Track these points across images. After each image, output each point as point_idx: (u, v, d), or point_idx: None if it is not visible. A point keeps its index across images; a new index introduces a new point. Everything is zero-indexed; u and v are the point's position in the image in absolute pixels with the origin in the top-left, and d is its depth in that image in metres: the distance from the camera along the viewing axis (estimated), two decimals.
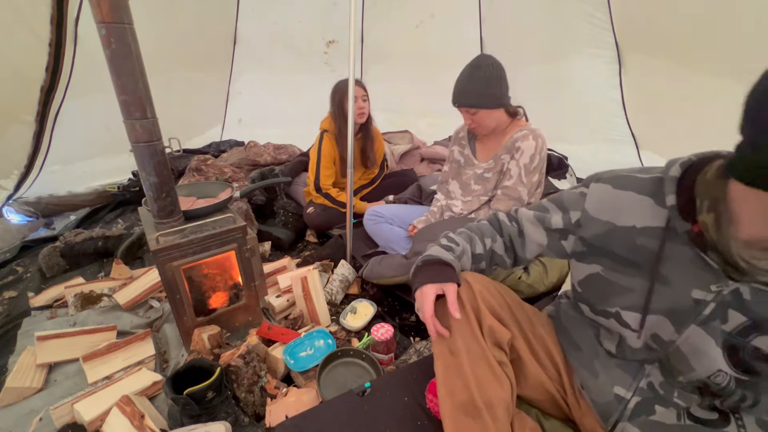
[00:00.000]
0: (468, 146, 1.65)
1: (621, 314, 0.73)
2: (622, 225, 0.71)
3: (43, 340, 1.27)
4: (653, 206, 0.67)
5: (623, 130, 2.71)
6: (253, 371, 1.18)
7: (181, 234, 1.22)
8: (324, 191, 2.09)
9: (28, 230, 2.24)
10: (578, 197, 0.78)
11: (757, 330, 0.61)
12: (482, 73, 1.43)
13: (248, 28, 3.47)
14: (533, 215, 0.85)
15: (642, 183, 0.70)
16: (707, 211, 0.59)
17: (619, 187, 0.72)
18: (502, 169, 1.51)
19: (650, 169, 0.72)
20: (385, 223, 1.83)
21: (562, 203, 0.81)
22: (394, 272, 1.52)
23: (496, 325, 0.81)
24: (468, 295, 0.83)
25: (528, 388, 0.87)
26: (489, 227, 0.92)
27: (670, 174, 0.65)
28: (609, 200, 0.73)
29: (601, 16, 2.58)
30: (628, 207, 0.70)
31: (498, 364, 0.79)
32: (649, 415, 0.74)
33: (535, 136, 1.44)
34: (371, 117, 2.16)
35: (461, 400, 0.76)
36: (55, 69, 2.18)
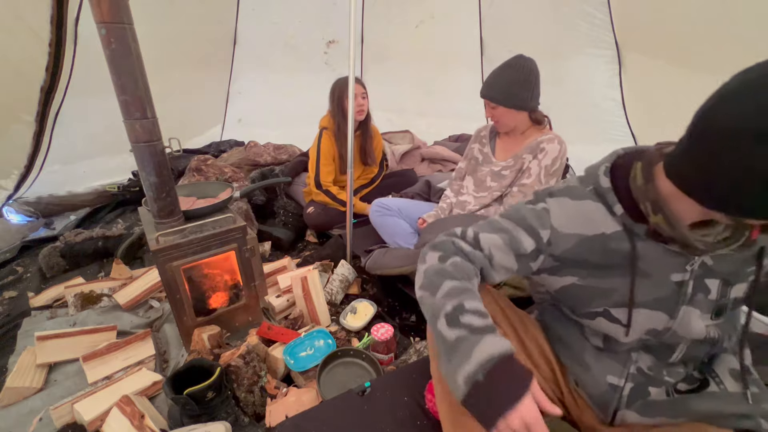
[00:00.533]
0: (488, 144, 1.66)
1: (610, 311, 0.74)
2: (592, 234, 0.72)
3: (43, 340, 1.27)
4: (607, 213, 0.71)
5: (623, 130, 2.71)
6: (253, 371, 1.18)
7: (181, 234, 1.22)
8: (324, 188, 2.10)
9: (28, 230, 2.24)
10: (542, 213, 0.75)
11: (729, 284, 0.69)
12: (512, 72, 1.45)
13: (248, 28, 3.46)
14: (502, 242, 0.75)
15: (590, 194, 0.73)
16: (654, 213, 0.63)
17: (578, 198, 0.73)
18: (521, 167, 1.52)
19: (582, 178, 0.76)
20: (392, 217, 1.82)
21: (527, 222, 0.75)
22: (400, 263, 1.51)
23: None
24: None
25: None
26: (466, 266, 0.75)
27: (603, 185, 0.70)
28: (573, 212, 0.73)
29: (601, 16, 2.57)
30: (592, 215, 0.72)
31: None
32: (645, 398, 0.76)
33: (560, 140, 1.46)
34: (370, 114, 2.17)
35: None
36: (55, 69, 2.18)
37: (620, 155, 0.72)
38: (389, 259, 1.55)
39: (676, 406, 0.73)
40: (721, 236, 0.65)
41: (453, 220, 1.61)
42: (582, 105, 2.88)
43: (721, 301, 0.70)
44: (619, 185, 0.69)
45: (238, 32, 3.48)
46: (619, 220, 0.70)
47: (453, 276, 0.70)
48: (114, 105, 1.06)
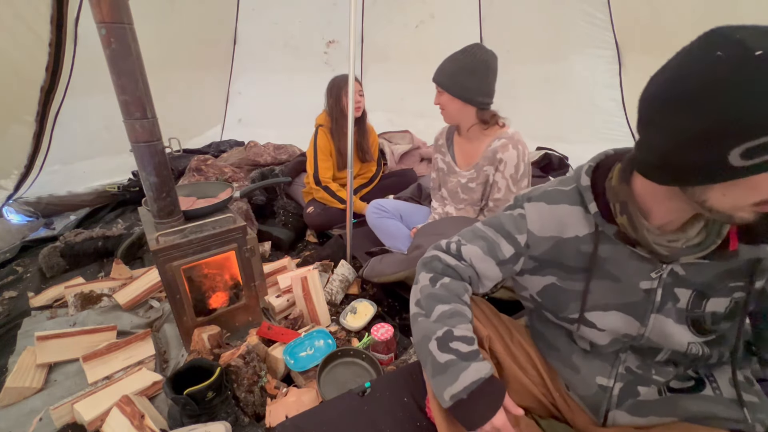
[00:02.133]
0: (448, 153, 1.64)
1: (585, 316, 0.76)
2: (567, 237, 0.74)
3: (43, 340, 1.27)
4: (584, 214, 0.72)
5: (623, 130, 2.71)
6: (253, 371, 1.18)
7: (181, 234, 1.22)
8: (324, 184, 2.11)
9: (28, 230, 2.24)
10: (518, 219, 0.78)
11: (704, 296, 0.68)
12: (463, 58, 1.40)
13: (248, 28, 3.47)
14: (481, 252, 0.79)
15: (569, 195, 0.74)
16: (620, 214, 0.65)
17: (554, 202, 0.75)
18: (486, 180, 1.50)
19: (566, 180, 0.77)
20: (389, 219, 1.82)
21: (505, 229, 0.78)
22: (395, 269, 1.51)
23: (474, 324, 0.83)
24: None
25: (512, 393, 0.87)
26: (455, 285, 0.78)
27: (582, 184, 0.71)
28: (548, 216, 0.75)
29: (601, 16, 2.57)
30: (568, 219, 0.74)
31: None
32: (635, 398, 0.76)
33: (514, 144, 1.41)
34: (365, 111, 2.20)
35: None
36: (55, 69, 2.18)
37: (608, 155, 0.73)
38: (385, 266, 1.55)
39: (667, 406, 0.73)
40: (691, 242, 0.65)
41: (445, 223, 1.61)
42: (582, 105, 2.88)
43: (694, 313, 0.69)
44: (598, 185, 0.70)
45: (238, 32, 3.48)
46: (592, 220, 0.71)
47: (443, 299, 0.75)
48: (114, 105, 1.06)
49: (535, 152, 2.73)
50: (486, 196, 1.55)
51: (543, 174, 2.47)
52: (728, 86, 0.46)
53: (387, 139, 3.12)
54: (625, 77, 2.64)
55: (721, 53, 0.47)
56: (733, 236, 0.63)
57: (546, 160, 2.61)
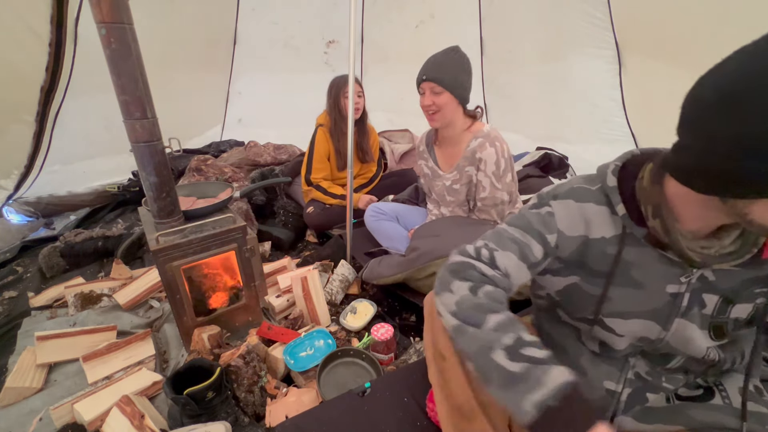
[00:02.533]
0: (430, 157, 1.63)
1: (604, 321, 0.73)
2: (593, 237, 0.71)
3: (43, 340, 1.27)
4: (611, 215, 0.69)
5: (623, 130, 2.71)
6: (253, 371, 1.18)
7: (181, 234, 1.22)
8: (315, 183, 2.12)
9: (28, 230, 2.24)
10: (546, 218, 0.74)
11: (730, 302, 0.66)
12: (458, 58, 1.38)
13: (248, 28, 3.46)
14: (516, 258, 0.74)
15: (595, 195, 0.71)
16: (653, 217, 0.62)
17: (581, 200, 0.72)
18: (470, 181, 1.50)
19: (591, 178, 0.74)
20: (387, 221, 1.83)
21: (534, 228, 0.74)
22: (394, 271, 1.52)
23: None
24: None
25: None
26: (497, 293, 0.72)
27: (609, 184, 0.68)
28: (577, 214, 0.72)
29: (601, 16, 2.57)
30: (594, 218, 0.71)
31: None
32: (643, 404, 0.75)
33: (491, 141, 1.41)
34: (366, 112, 2.20)
35: (458, 403, 0.76)
36: (55, 69, 2.18)
37: (634, 155, 0.70)
38: (384, 268, 1.56)
39: (674, 414, 0.72)
40: (725, 250, 0.62)
41: (442, 223, 1.61)
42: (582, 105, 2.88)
43: (717, 319, 0.67)
44: (625, 185, 0.67)
45: (238, 32, 3.47)
46: (620, 221, 0.68)
47: (492, 308, 0.68)
48: (114, 105, 1.06)
49: (535, 152, 2.73)
50: (472, 197, 1.55)
51: (543, 174, 2.47)
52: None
53: (387, 138, 3.12)
54: (625, 77, 2.63)
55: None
56: (766, 244, 0.61)
57: (546, 160, 2.61)
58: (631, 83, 2.61)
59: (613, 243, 0.69)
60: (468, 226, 1.56)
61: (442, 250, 1.44)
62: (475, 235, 1.59)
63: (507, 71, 3.26)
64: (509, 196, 1.52)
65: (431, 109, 1.42)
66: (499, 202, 1.50)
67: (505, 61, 3.24)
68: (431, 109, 1.42)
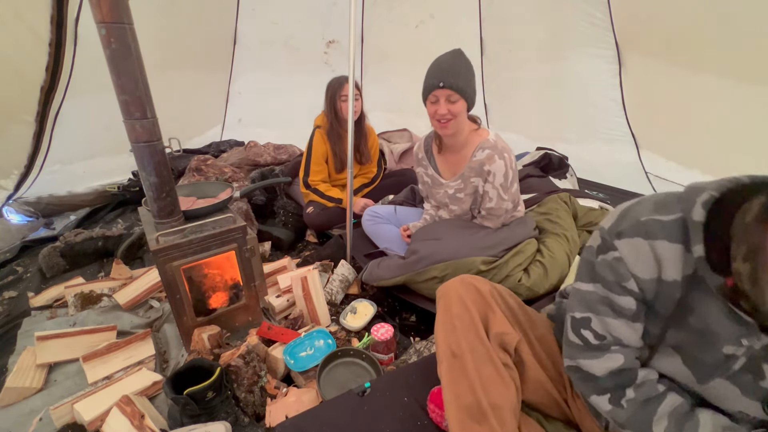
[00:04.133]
0: (430, 165, 1.60)
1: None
2: (666, 279, 0.62)
3: (43, 340, 1.27)
4: (684, 253, 0.60)
5: (623, 130, 2.71)
6: (253, 371, 1.18)
7: (181, 234, 1.22)
8: (313, 186, 2.12)
9: (28, 230, 2.24)
10: (615, 265, 0.65)
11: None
12: (466, 61, 1.34)
13: (248, 28, 3.47)
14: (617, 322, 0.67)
15: (670, 229, 0.61)
16: (743, 260, 0.52)
17: (652, 237, 0.62)
18: (475, 191, 1.49)
19: (667, 203, 0.63)
20: (384, 224, 1.83)
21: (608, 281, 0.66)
22: (393, 273, 1.52)
23: (504, 327, 0.80)
24: (474, 295, 0.82)
25: (529, 391, 0.85)
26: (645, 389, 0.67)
27: (693, 219, 0.57)
28: (647, 254, 0.62)
29: (601, 16, 2.58)
30: (667, 257, 0.61)
31: (503, 366, 0.78)
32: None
33: (500, 153, 1.38)
34: (364, 113, 2.20)
35: (467, 403, 0.74)
36: (55, 69, 2.18)
37: (740, 183, 0.57)
38: (383, 271, 1.56)
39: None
40: None
41: (440, 225, 1.62)
42: (582, 105, 2.88)
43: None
44: (714, 221, 0.56)
45: (238, 32, 3.48)
46: (693, 264, 0.59)
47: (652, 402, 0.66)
48: (114, 105, 1.06)
49: (535, 152, 2.73)
50: (477, 205, 1.55)
51: (543, 174, 2.47)
52: None
53: (386, 139, 3.11)
54: (625, 77, 2.64)
55: None
56: None
57: (546, 160, 2.61)
58: (631, 83, 2.62)
59: (681, 287, 0.61)
60: (468, 229, 1.56)
61: (442, 254, 1.44)
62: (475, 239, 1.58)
63: (507, 71, 3.27)
64: (513, 204, 1.52)
65: (446, 117, 1.34)
66: (503, 213, 1.50)
67: (505, 61, 3.25)
68: (447, 117, 1.33)
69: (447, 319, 0.82)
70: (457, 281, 0.86)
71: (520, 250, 1.49)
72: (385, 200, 2.23)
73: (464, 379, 0.75)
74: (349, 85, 1.52)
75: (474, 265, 1.40)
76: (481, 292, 0.82)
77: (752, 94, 1.98)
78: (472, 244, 1.47)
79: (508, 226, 1.56)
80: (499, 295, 0.86)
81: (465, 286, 0.83)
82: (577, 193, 2.09)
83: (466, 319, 0.79)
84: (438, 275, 1.42)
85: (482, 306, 0.81)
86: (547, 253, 1.52)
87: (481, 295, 0.82)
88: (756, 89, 1.96)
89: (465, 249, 1.44)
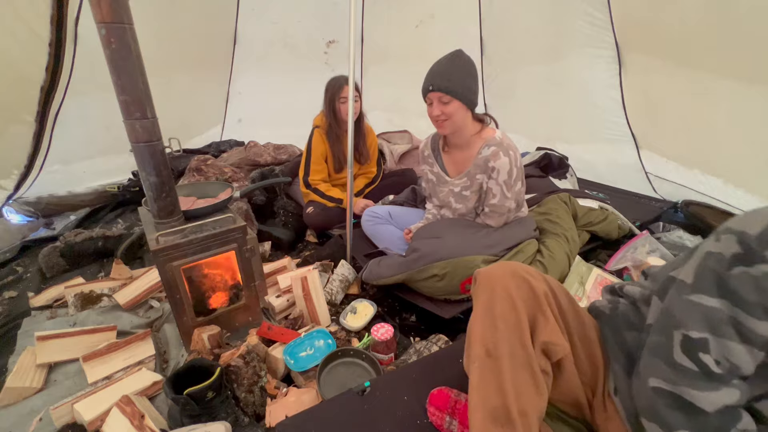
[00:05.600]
0: (436, 163, 1.62)
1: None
2: None
3: (43, 340, 1.27)
4: None
5: (623, 130, 2.71)
6: (253, 371, 1.18)
7: (181, 234, 1.22)
8: (313, 186, 2.12)
9: (28, 230, 2.24)
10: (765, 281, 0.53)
11: None
12: (463, 64, 1.36)
13: (248, 28, 3.47)
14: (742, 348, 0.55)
15: None
16: None
17: None
18: (480, 188, 1.50)
19: None
20: (383, 224, 1.84)
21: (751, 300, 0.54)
22: (394, 272, 1.52)
23: (556, 338, 0.71)
24: (525, 292, 0.73)
25: (555, 393, 0.80)
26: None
27: None
28: None
29: (601, 16, 2.58)
30: None
31: (541, 372, 0.72)
32: None
33: (505, 150, 1.40)
34: (363, 114, 2.21)
35: (493, 406, 0.69)
36: (55, 69, 2.18)
37: None
38: (384, 269, 1.56)
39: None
40: None
41: (441, 224, 1.62)
42: (582, 105, 2.88)
43: None
44: None
45: (238, 32, 3.48)
46: None
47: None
48: (114, 105, 1.06)
49: (535, 152, 2.73)
50: (481, 203, 1.55)
51: (543, 174, 2.47)
52: None
53: (386, 139, 3.12)
54: (625, 77, 2.64)
55: None
56: None
57: (546, 160, 2.61)
58: (631, 83, 2.62)
59: None
60: (469, 228, 1.57)
61: (442, 253, 1.44)
62: (476, 238, 1.59)
63: (507, 71, 3.27)
64: (516, 203, 1.52)
65: (441, 118, 1.39)
66: (506, 211, 1.51)
67: (505, 61, 3.25)
68: (441, 118, 1.39)
69: (488, 316, 0.73)
70: (507, 272, 0.76)
71: (520, 250, 1.49)
72: (386, 200, 2.23)
73: (495, 382, 0.69)
74: (349, 86, 1.52)
75: (474, 264, 1.40)
76: (535, 292, 0.72)
77: (752, 93, 1.98)
78: (473, 242, 1.47)
79: (508, 225, 1.57)
80: (553, 296, 0.76)
81: (516, 281, 0.73)
82: (577, 193, 2.09)
83: (512, 320, 0.70)
84: (438, 273, 1.42)
85: (533, 308, 0.72)
86: (547, 253, 1.53)
87: (535, 295, 0.72)
88: (757, 89, 1.96)
89: (466, 248, 1.45)
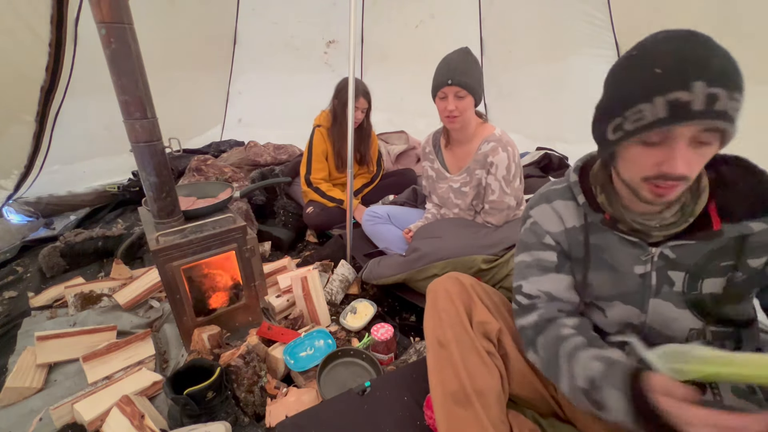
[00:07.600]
0: (437, 159, 1.62)
1: (595, 303, 0.81)
2: (568, 227, 0.80)
3: (43, 340, 1.27)
4: (576, 207, 0.79)
5: None
6: (253, 371, 1.18)
7: (181, 234, 1.22)
8: (314, 185, 2.12)
9: (28, 230, 2.24)
10: (534, 227, 0.83)
11: (698, 277, 0.69)
12: (474, 59, 1.38)
13: (248, 28, 3.47)
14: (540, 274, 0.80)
15: (561, 192, 0.82)
16: (600, 193, 0.75)
17: (551, 200, 0.82)
18: (479, 183, 1.51)
19: (558, 180, 0.85)
20: (383, 224, 1.84)
21: (530, 242, 0.83)
22: (394, 271, 1.52)
23: (485, 316, 0.85)
24: (458, 288, 0.88)
25: (516, 385, 0.86)
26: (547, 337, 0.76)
27: (571, 180, 0.79)
28: (551, 213, 0.82)
29: (601, 16, 2.58)
30: (564, 212, 0.81)
31: (487, 354, 0.82)
32: None
33: (503, 146, 1.41)
34: (370, 122, 2.23)
35: (452, 390, 0.78)
36: (55, 69, 2.18)
37: (593, 156, 0.81)
38: (384, 269, 1.56)
39: None
40: (666, 221, 0.69)
41: (441, 224, 1.62)
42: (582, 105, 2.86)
43: (692, 295, 0.70)
44: (585, 182, 0.78)
45: (238, 32, 3.48)
46: (581, 211, 0.78)
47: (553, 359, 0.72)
48: (114, 105, 1.06)
49: (535, 152, 2.73)
50: (480, 200, 1.55)
51: (543, 174, 2.47)
52: (609, 76, 0.66)
53: (383, 139, 3.12)
54: None
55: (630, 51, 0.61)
56: (714, 215, 0.67)
57: (546, 160, 2.61)
58: None
59: (582, 231, 0.78)
60: (469, 228, 1.57)
61: (442, 252, 1.44)
62: (476, 238, 1.60)
63: (507, 71, 3.26)
64: (516, 201, 1.52)
65: (454, 113, 1.39)
66: (505, 207, 1.51)
67: (505, 61, 3.25)
68: (455, 113, 1.39)
69: (434, 312, 0.88)
70: (444, 278, 0.94)
71: None
72: (386, 200, 2.23)
73: (449, 367, 0.80)
74: (350, 84, 1.52)
75: (475, 264, 1.40)
76: (464, 286, 0.89)
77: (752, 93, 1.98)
78: (473, 242, 1.48)
79: (508, 225, 1.56)
80: (482, 289, 0.92)
81: (451, 281, 0.90)
82: None
83: (452, 311, 0.85)
84: (438, 273, 1.42)
85: (466, 298, 0.87)
86: None
87: (464, 288, 0.88)
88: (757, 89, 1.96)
89: (466, 247, 1.45)
